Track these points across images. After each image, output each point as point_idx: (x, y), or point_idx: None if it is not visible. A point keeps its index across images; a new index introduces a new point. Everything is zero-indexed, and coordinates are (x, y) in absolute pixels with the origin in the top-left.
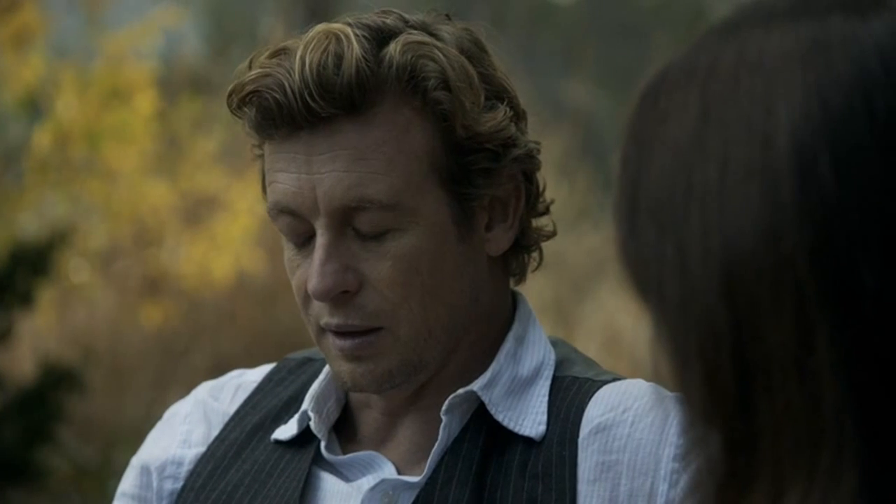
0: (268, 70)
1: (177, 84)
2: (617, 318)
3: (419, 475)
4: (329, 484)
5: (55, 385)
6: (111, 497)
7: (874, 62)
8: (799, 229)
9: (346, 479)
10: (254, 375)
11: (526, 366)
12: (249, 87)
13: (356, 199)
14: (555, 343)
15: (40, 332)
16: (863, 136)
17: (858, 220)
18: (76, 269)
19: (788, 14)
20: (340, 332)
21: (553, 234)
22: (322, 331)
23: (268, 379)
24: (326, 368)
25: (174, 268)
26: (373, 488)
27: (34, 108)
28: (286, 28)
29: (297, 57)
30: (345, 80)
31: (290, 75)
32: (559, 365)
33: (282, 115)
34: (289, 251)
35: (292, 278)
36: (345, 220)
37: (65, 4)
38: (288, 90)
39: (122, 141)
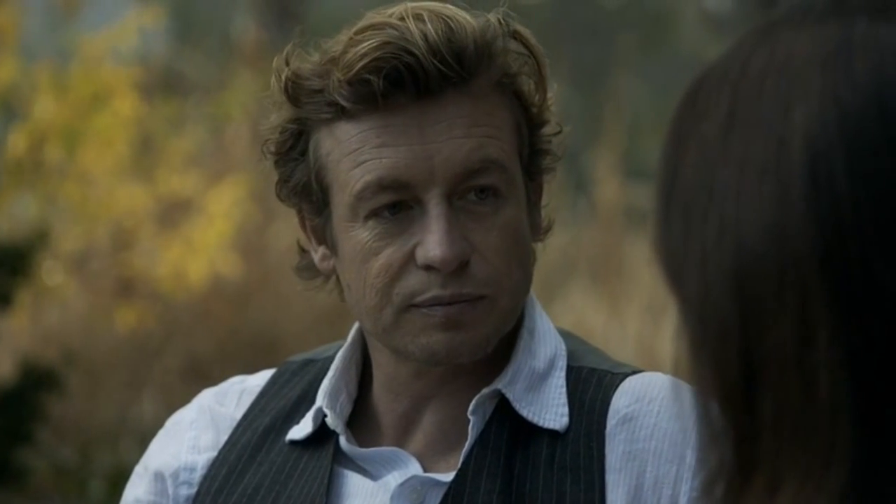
0: (384, 38)
1: (150, 85)
2: (587, 318)
3: (444, 471)
4: (353, 481)
5: (35, 386)
6: (92, 497)
7: (893, 65)
8: (807, 229)
9: (370, 476)
10: (255, 380)
11: (541, 359)
12: (371, 56)
13: (478, 160)
14: (563, 334)
15: (15, 333)
16: (878, 139)
17: (873, 222)
18: (50, 270)
19: (819, 15)
20: (444, 302)
21: (550, 226)
22: (406, 308)
23: (272, 382)
24: (334, 365)
25: (149, 271)
26: (401, 485)
27: (7, 109)
28: (258, 26)
29: (412, 28)
30: (471, 47)
31: (415, 40)
32: (571, 355)
33: (414, 80)
34: (371, 231)
35: (374, 259)
36: (458, 188)
37: (36, 6)
38: (419, 54)
39: (103, 144)
